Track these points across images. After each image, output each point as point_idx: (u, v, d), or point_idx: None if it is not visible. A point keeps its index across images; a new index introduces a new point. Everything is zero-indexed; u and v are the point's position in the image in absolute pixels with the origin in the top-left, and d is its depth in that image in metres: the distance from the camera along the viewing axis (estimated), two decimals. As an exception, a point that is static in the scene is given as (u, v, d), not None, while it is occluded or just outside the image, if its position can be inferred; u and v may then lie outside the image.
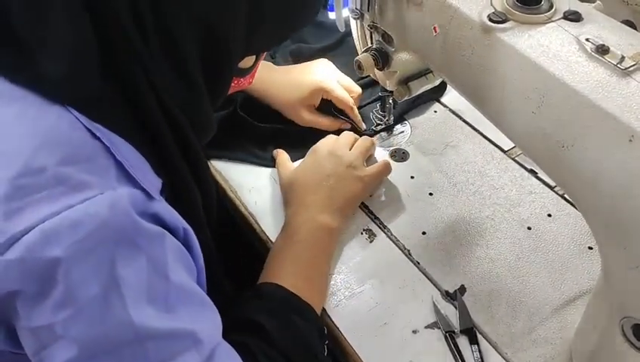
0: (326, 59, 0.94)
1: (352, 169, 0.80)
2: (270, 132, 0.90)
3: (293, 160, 0.86)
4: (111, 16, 0.45)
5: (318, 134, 0.87)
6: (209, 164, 0.88)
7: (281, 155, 0.86)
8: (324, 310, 0.71)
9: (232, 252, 0.82)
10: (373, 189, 0.84)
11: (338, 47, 1.05)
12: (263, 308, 0.63)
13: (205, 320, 0.51)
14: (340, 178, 0.78)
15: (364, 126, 0.92)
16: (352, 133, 0.86)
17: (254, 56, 0.62)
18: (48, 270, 0.42)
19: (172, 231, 0.49)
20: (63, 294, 0.43)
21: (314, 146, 0.83)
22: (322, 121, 0.90)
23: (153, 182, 0.49)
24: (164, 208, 0.49)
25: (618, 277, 0.52)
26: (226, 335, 0.54)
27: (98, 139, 0.46)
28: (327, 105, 0.91)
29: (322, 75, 0.90)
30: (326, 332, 0.67)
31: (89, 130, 0.46)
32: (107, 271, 0.44)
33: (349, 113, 0.91)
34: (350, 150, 0.82)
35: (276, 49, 1.02)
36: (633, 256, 0.48)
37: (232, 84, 0.60)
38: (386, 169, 0.84)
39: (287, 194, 0.80)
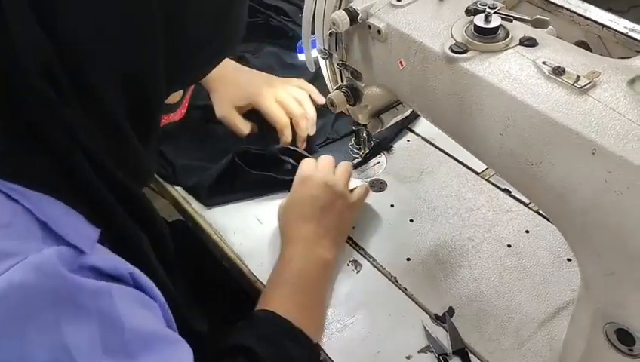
0: (274, 77, 0.98)
1: (343, 198, 0.81)
2: (263, 178, 0.91)
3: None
4: (22, 75, 0.43)
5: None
6: (192, 208, 0.89)
7: None
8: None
9: (218, 296, 0.82)
10: (362, 231, 0.85)
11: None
12: (254, 334, 0.63)
13: (173, 357, 0.49)
14: (333, 209, 0.80)
15: (304, 143, 0.95)
16: (330, 157, 0.87)
17: (181, 91, 0.62)
18: None
19: (117, 278, 0.47)
20: None
21: (303, 174, 0.83)
22: (232, 120, 0.93)
23: (88, 235, 0.47)
24: (102, 259, 0.47)
25: (596, 284, 0.54)
26: (217, 359, 0.53)
27: (15, 200, 0.43)
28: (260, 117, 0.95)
29: (259, 90, 0.93)
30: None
31: (3, 193, 0.43)
32: (52, 339, 0.41)
33: (280, 132, 0.93)
34: (335, 175, 0.84)
35: None
36: (607, 263, 0.51)
37: (163, 120, 0.60)
38: (367, 192, 0.86)
39: (284, 221, 0.81)
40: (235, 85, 0.94)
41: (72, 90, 0.45)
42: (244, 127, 0.94)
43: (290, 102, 0.94)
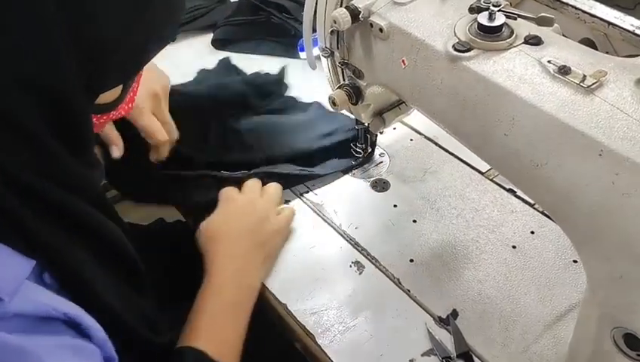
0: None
1: (271, 224, 0.80)
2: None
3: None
4: None
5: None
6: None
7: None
8: (319, 346, 0.71)
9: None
10: (365, 231, 0.84)
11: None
12: None
13: None
14: (259, 233, 0.78)
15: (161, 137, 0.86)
16: (257, 180, 0.85)
17: (120, 87, 0.57)
18: None
19: (48, 319, 0.44)
20: None
21: (227, 195, 0.81)
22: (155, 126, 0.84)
23: (11, 274, 0.43)
24: (29, 301, 0.43)
25: (603, 288, 0.53)
26: None
27: None
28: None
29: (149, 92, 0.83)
30: None
31: None
32: None
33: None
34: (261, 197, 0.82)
35: None
36: (615, 266, 0.50)
37: (103, 120, 0.58)
38: (292, 214, 0.84)
39: (209, 244, 0.76)
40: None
41: None
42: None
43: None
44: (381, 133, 0.96)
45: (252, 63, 1.12)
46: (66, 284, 0.48)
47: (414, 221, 0.85)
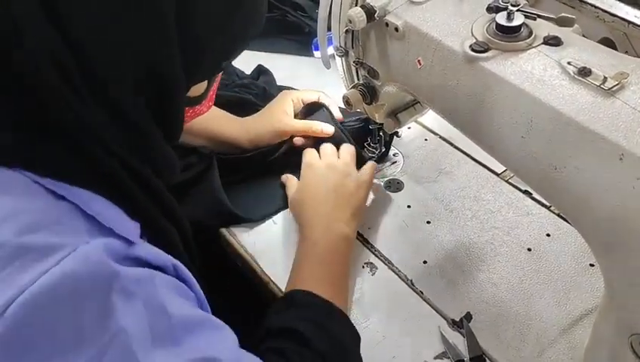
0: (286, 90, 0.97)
1: (351, 177, 0.83)
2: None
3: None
4: (36, 75, 0.44)
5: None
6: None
7: (291, 180, 0.88)
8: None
9: (233, 296, 0.82)
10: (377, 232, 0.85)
11: None
12: (298, 316, 0.63)
13: (219, 342, 0.50)
14: (344, 188, 0.81)
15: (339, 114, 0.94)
16: (330, 144, 0.89)
17: (205, 83, 0.61)
18: (38, 342, 0.41)
19: (161, 269, 0.49)
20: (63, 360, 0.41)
21: (307, 162, 0.86)
22: (303, 126, 0.92)
23: (130, 228, 0.48)
24: (146, 250, 0.48)
25: (621, 294, 0.52)
26: (261, 343, 0.54)
27: (62, 197, 0.45)
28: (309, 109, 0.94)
29: (281, 115, 0.92)
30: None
31: (50, 191, 0.45)
32: (106, 323, 0.43)
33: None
34: (339, 158, 0.86)
35: None
36: (634, 272, 0.49)
37: (188, 114, 0.60)
38: (374, 168, 0.87)
39: (299, 209, 0.82)
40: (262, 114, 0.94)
41: (87, 87, 0.46)
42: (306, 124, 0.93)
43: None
44: (398, 136, 0.96)
45: (265, 61, 1.12)
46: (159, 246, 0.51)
47: (428, 222, 0.84)
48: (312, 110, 0.94)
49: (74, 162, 0.46)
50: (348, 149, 0.88)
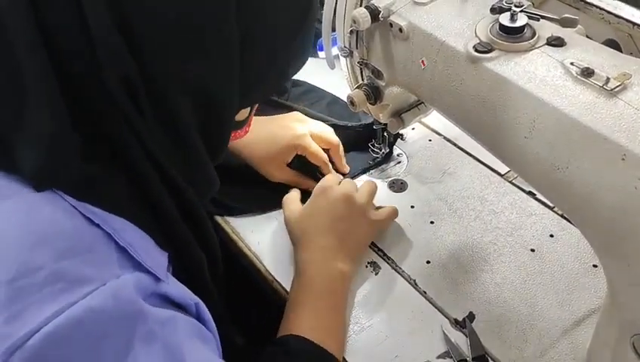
0: (299, 113, 0.92)
1: (364, 213, 0.79)
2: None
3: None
4: (100, 89, 0.44)
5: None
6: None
7: (292, 193, 0.84)
8: (334, 347, 0.70)
9: (237, 295, 0.82)
10: (381, 232, 0.83)
11: None
12: None
13: None
14: (353, 222, 0.77)
15: (347, 169, 0.92)
16: (353, 181, 0.84)
17: (249, 108, 0.62)
18: None
19: (183, 308, 0.49)
20: None
21: (323, 186, 0.80)
22: (293, 179, 0.88)
23: (159, 260, 0.48)
24: (172, 287, 0.48)
25: (623, 294, 0.52)
26: None
27: (97, 225, 0.44)
28: (300, 161, 0.89)
29: (297, 131, 0.87)
30: None
31: (86, 217, 0.44)
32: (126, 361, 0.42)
33: (324, 168, 0.89)
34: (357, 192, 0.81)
35: None
36: (636, 272, 0.49)
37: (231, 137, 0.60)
38: (395, 214, 0.83)
39: (297, 235, 0.78)
40: (264, 137, 0.87)
41: (148, 102, 0.46)
42: (302, 181, 0.89)
43: (326, 134, 0.90)
44: (403, 139, 0.96)
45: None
46: (188, 280, 0.51)
47: (432, 222, 0.84)
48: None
49: (121, 185, 0.46)
50: (370, 185, 0.82)
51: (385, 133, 0.90)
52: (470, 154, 0.94)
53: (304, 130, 0.87)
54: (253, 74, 0.53)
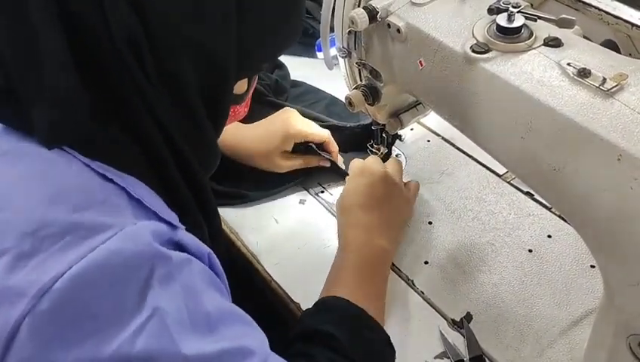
0: (290, 108, 0.94)
1: (400, 191, 0.82)
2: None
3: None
4: (107, 48, 0.46)
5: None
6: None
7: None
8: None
9: (235, 295, 0.82)
10: None
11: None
12: (332, 320, 0.63)
13: (250, 335, 0.51)
14: (391, 201, 0.80)
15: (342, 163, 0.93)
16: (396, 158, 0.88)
17: (246, 81, 0.62)
18: (82, 315, 0.42)
19: (197, 257, 0.50)
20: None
21: (363, 167, 0.83)
22: (299, 162, 0.91)
23: (171, 213, 0.50)
24: (187, 236, 0.50)
25: (620, 294, 0.52)
26: (290, 346, 0.54)
27: (110, 180, 0.47)
28: (301, 147, 0.91)
29: (289, 121, 0.90)
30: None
31: (100, 174, 0.47)
32: (147, 301, 0.44)
33: (330, 147, 0.91)
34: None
35: None
36: (632, 273, 0.49)
37: (230, 114, 0.61)
38: (418, 188, 0.86)
39: (341, 210, 0.81)
40: (259, 135, 0.90)
41: (155, 70, 0.48)
42: (309, 160, 0.92)
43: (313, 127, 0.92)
44: (401, 140, 0.96)
45: (270, 62, 1.12)
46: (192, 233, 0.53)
47: (430, 223, 0.85)
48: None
49: (128, 146, 0.49)
50: (397, 162, 0.85)
51: (383, 134, 0.89)
52: (468, 155, 0.94)
53: (297, 118, 0.91)
54: (250, 39, 0.54)
